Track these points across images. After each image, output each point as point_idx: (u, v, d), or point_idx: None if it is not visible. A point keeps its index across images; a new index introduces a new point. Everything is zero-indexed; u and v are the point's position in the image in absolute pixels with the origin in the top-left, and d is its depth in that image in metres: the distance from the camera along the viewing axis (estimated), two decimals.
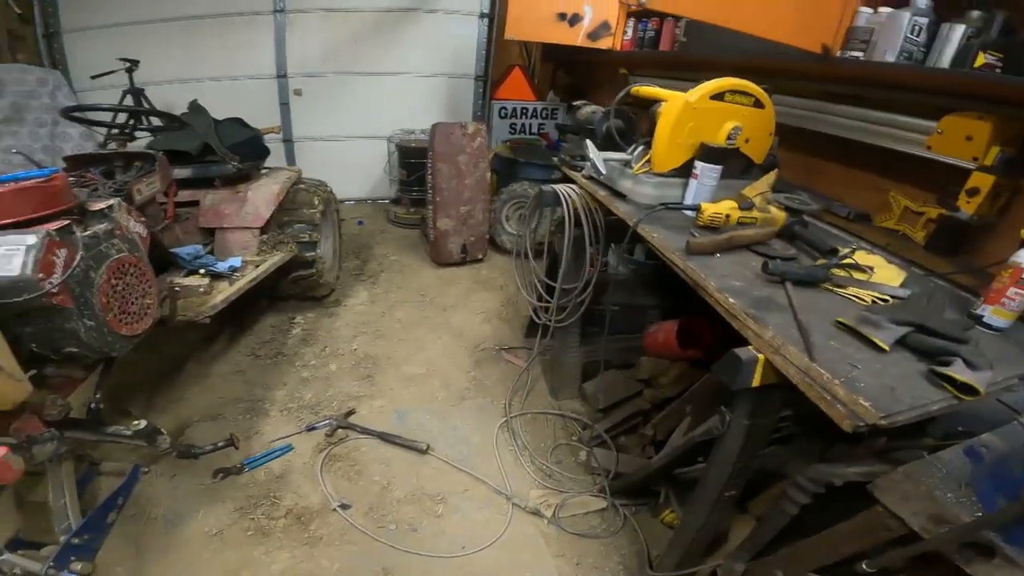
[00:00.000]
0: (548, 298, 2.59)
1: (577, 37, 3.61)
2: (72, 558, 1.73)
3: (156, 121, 3.17)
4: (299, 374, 2.99)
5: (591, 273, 2.42)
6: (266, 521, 2.13)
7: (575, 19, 3.60)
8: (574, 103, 3.03)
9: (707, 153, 1.96)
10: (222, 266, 2.65)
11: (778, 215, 1.85)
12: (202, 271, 2.45)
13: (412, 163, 4.52)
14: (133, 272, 1.88)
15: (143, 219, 2.11)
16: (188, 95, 3.45)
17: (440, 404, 2.80)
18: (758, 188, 2.00)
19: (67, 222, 1.64)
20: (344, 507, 2.19)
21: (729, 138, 2.01)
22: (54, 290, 1.55)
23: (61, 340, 1.68)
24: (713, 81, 1.95)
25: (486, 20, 4.99)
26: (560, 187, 2.41)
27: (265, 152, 3.17)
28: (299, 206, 3.14)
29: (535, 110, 4.97)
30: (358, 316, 3.52)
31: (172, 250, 2.55)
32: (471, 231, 4.00)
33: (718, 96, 1.97)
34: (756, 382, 1.26)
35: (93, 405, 1.95)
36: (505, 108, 4.91)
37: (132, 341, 1.89)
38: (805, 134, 2.44)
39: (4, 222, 1.55)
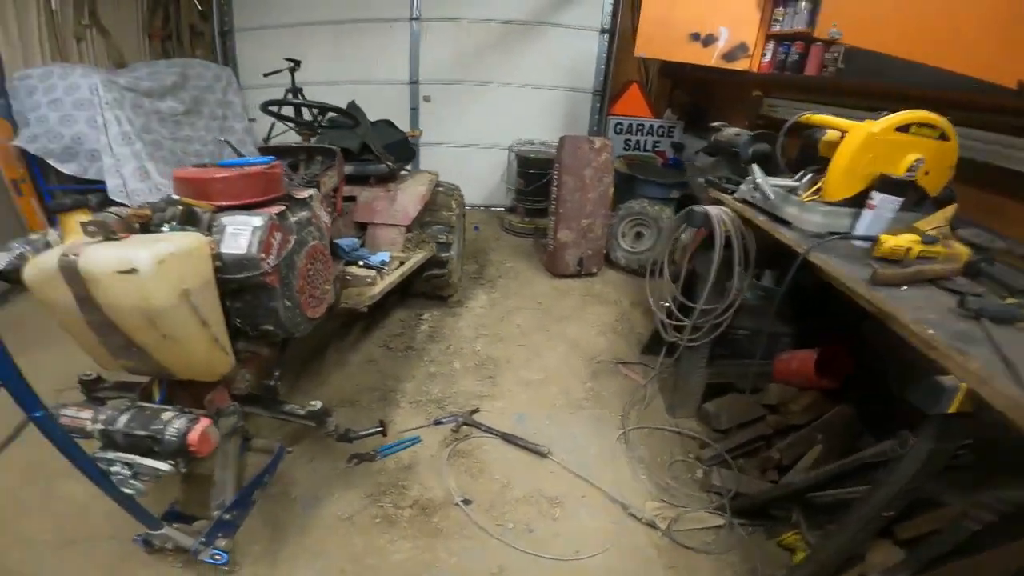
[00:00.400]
0: (681, 317, 2.55)
1: (711, 58, 3.57)
2: (219, 534, 1.84)
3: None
4: (426, 369, 3.12)
5: (735, 296, 2.38)
6: (393, 510, 2.22)
7: (709, 40, 3.57)
8: (713, 124, 2.98)
9: (887, 184, 1.89)
10: (375, 259, 2.82)
11: (961, 251, 1.77)
12: (360, 263, 2.63)
13: (530, 173, 4.63)
14: (321, 258, 2.05)
15: (328, 210, 2.29)
16: (334, 96, 3.66)
17: (558, 411, 2.83)
18: (934, 222, 1.90)
19: (284, 208, 1.82)
20: (466, 502, 2.25)
21: (910, 170, 1.94)
22: (269, 270, 1.71)
23: (262, 317, 1.85)
24: (900, 113, 1.89)
25: (606, 36, 5.04)
26: (711, 209, 2.38)
27: (412, 155, 3.35)
28: (439, 208, 3.30)
29: (651, 127, 4.95)
30: (479, 318, 3.63)
31: (335, 241, 2.76)
32: (589, 245, 4.03)
33: (903, 128, 1.90)
34: (952, 409, 1.26)
35: (273, 382, 2.12)
36: (621, 124, 4.92)
37: (313, 323, 2.05)
38: (988, 169, 2.28)
39: (233, 203, 1.75)
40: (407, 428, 2.64)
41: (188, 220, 1.63)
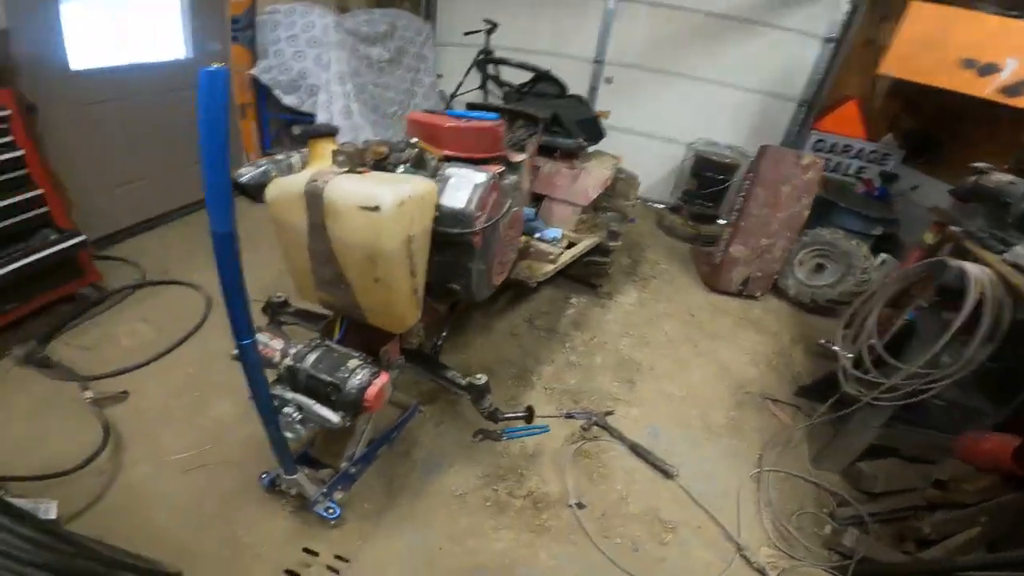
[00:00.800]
0: (871, 369, 2.24)
1: (985, 89, 3.04)
2: (339, 487, 1.89)
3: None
4: (567, 356, 3.05)
5: (963, 368, 2.01)
6: (506, 497, 2.19)
7: (989, 69, 3.03)
8: (976, 165, 2.50)
9: None
10: (548, 234, 2.78)
11: None
12: (536, 235, 2.59)
13: (706, 176, 4.31)
14: (517, 226, 2.02)
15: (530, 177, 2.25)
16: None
17: (694, 433, 2.65)
18: None
19: (503, 168, 1.79)
20: (579, 506, 2.17)
21: None
22: (479, 229, 1.70)
23: (454, 276, 1.85)
24: None
25: (832, 45, 4.46)
26: (971, 267, 1.99)
27: (600, 135, 3.23)
28: (617, 195, 3.18)
29: (861, 150, 4.35)
30: (627, 315, 3.48)
31: None
32: (762, 266, 3.67)
33: None
34: None
35: (438, 343, 2.15)
36: (824, 141, 4.39)
37: (492, 289, 2.04)
38: None
39: (459, 155, 1.75)
40: (538, 415, 2.55)
41: (418, 164, 1.65)
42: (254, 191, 1.63)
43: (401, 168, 1.61)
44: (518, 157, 1.96)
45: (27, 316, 2.83)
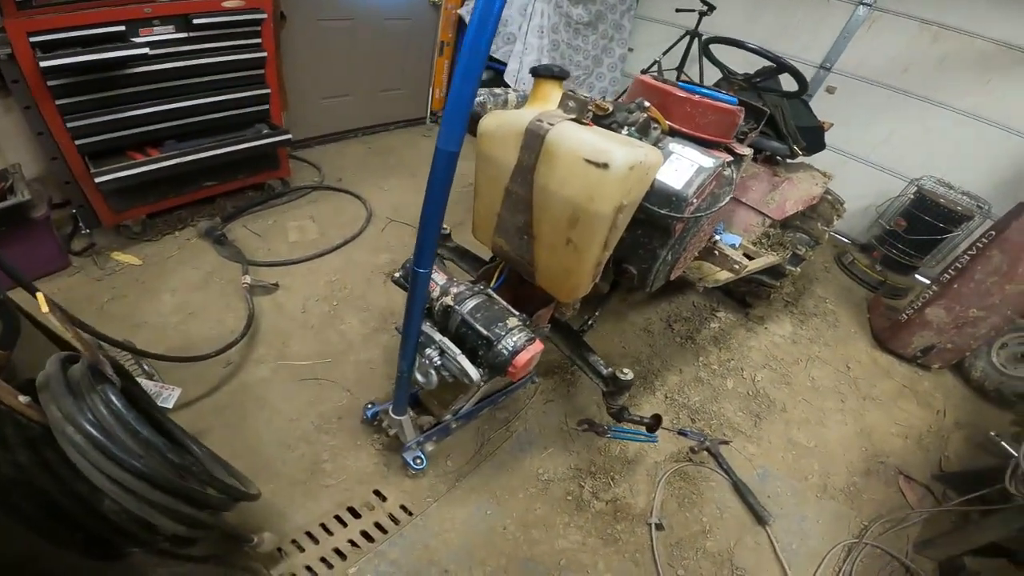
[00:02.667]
0: None
1: None
2: (434, 437, 1.83)
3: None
4: (697, 371, 2.84)
5: None
6: (589, 496, 2.09)
7: None
8: None
9: None
10: (727, 239, 2.54)
11: None
12: (715, 238, 2.37)
13: (922, 219, 3.65)
14: (713, 223, 1.84)
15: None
16: (728, 55, 3.10)
17: (806, 487, 2.39)
18: None
19: (731, 158, 1.61)
20: (659, 527, 2.04)
21: None
22: (686, 216, 1.54)
23: (636, 259, 1.70)
24: None
25: None
26: None
27: (822, 146, 2.84)
28: (817, 217, 2.82)
29: None
30: (774, 347, 3.16)
31: None
32: (956, 339, 3.11)
33: None
34: None
35: (591, 321, 2.04)
36: None
37: (663, 283, 1.88)
38: None
39: (687, 132, 1.59)
40: None
41: (643, 130, 1.53)
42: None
43: (626, 130, 1.49)
44: (744, 150, 1.75)
45: (221, 195, 3.19)
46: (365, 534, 1.78)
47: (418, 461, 1.86)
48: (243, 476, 1.43)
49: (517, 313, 1.56)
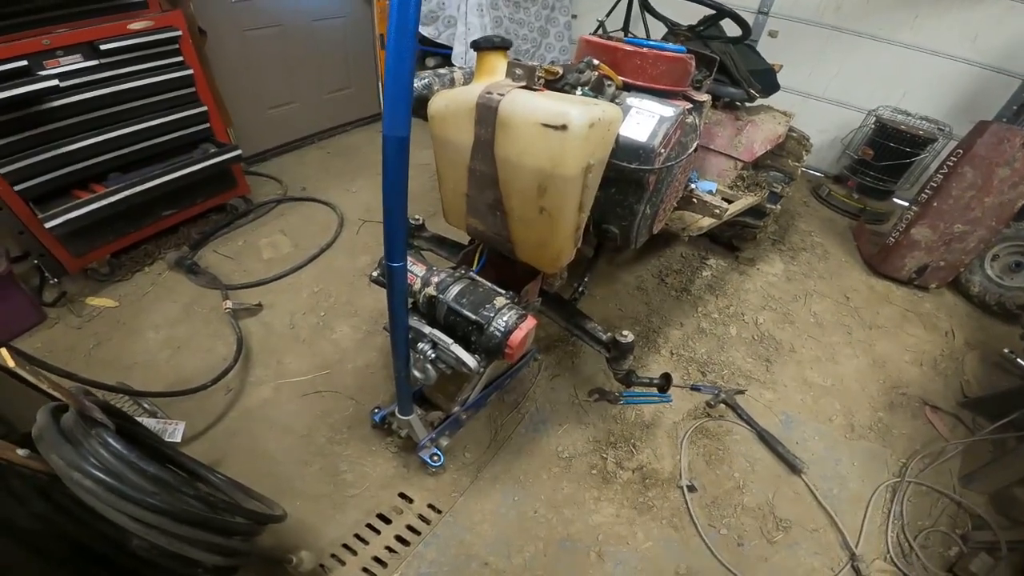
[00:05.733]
0: None
1: None
2: (447, 432, 1.79)
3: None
4: (698, 322, 2.81)
5: None
6: (613, 467, 2.06)
7: None
8: None
9: None
10: (702, 186, 2.50)
11: None
12: (692, 187, 2.33)
13: (887, 146, 3.67)
14: (687, 172, 1.79)
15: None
16: (669, 9, 3.10)
17: (833, 429, 2.36)
18: None
19: (690, 105, 1.56)
20: (690, 489, 2.01)
21: None
22: (657, 168, 1.49)
23: (614, 218, 1.67)
24: None
25: None
26: None
27: (776, 87, 2.81)
28: (786, 155, 2.78)
29: None
30: (770, 287, 3.13)
31: None
32: (947, 256, 3.11)
33: None
34: None
35: (581, 289, 2.00)
36: None
37: (649, 236, 1.84)
38: None
39: (642, 84, 1.54)
40: None
41: (597, 89, 1.47)
42: (415, 105, 1.52)
43: (579, 91, 1.43)
44: (702, 97, 1.70)
45: (183, 223, 3.08)
46: (400, 538, 1.78)
47: (435, 458, 1.84)
48: (267, 499, 1.42)
49: (504, 292, 1.50)
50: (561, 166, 1.25)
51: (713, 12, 2.18)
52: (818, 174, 4.53)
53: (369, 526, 1.80)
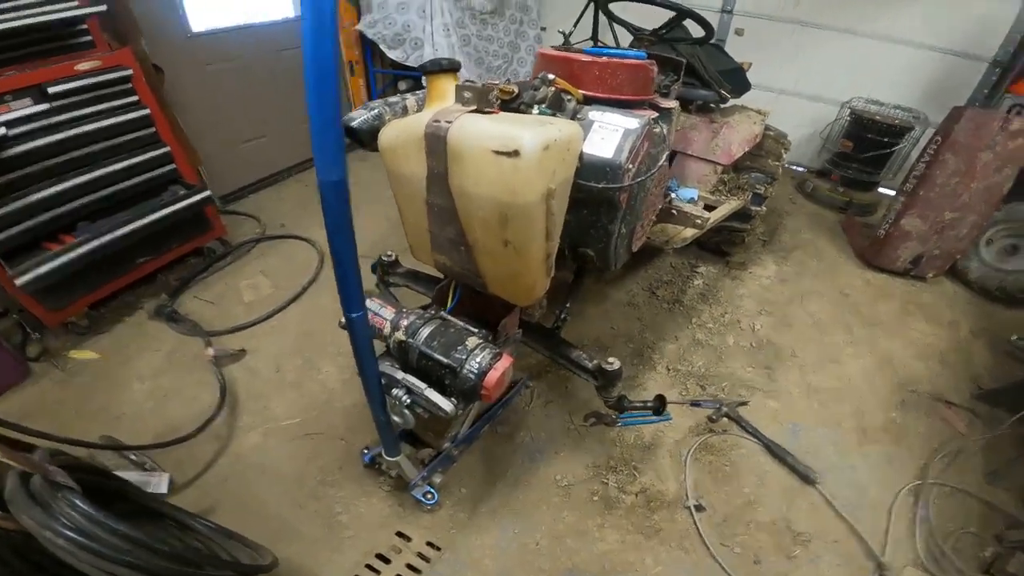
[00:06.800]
0: None
1: None
2: (439, 468, 1.75)
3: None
4: (693, 333, 2.71)
5: None
6: (616, 491, 1.98)
7: None
8: None
9: None
10: (683, 194, 2.42)
11: None
12: (671, 197, 2.24)
13: (865, 137, 3.62)
14: (661, 184, 1.70)
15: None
16: (640, 19, 3.18)
17: (845, 435, 2.26)
18: None
19: (656, 114, 1.47)
20: (698, 508, 1.91)
21: None
22: (627, 184, 1.40)
23: (589, 240, 1.59)
24: None
25: None
26: None
27: (747, 87, 2.76)
28: (765, 154, 2.71)
29: None
30: (764, 291, 3.04)
31: None
32: (942, 243, 3.03)
33: None
34: None
35: (562, 316, 1.91)
36: (1022, 106, 3.51)
37: (630, 256, 1.75)
38: None
39: (604, 96, 1.45)
40: None
41: (555, 105, 1.38)
42: (366, 137, 1.45)
43: (536, 109, 1.34)
44: (668, 103, 1.62)
45: (160, 270, 2.98)
46: None
47: (429, 496, 1.78)
48: (258, 546, 1.40)
49: (476, 330, 1.42)
50: (519, 195, 1.16)
51: (674, 14, 2.11)
52: (801, 170, 4.47)
53: (369, 567, 1.74)
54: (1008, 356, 2.68)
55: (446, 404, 1.36)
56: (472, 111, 1.24)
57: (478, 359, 1.31)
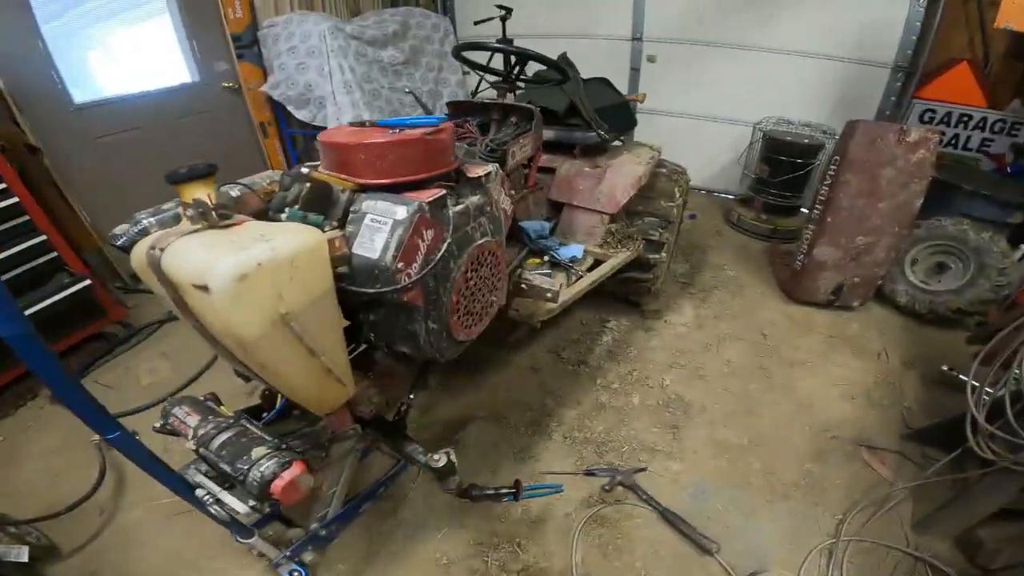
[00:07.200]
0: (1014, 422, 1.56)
1: None
2: (309, 547, 1.71)
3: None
4: (597, 396, 2.53)
5: None
6: (497, 571, 1.84)
7: None
8: None
9: None
10: (564, 253, 2.28)
11: None
12: (545, 257, 2.09)
13: (780, 160, 3.53)
14: (489, 263, 1.53)
15: (512, 191, 1.75)
16: (547, 50, 3.11)
17: (751, 493, 2.08)
18: None
19: (442, 192, 1.31)
20: None
21: None
22: (409, 284, 1.23)
23: (397, 339, 1.43)
24: None
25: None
26: None
27: (632, 123, 2.66)
28: (657, 195, 2.57)
29: (983, 121, 3.38)
30: (678, 340, 2.86)
31: (521, 224, 2.25)
32: (859, 271, 2.88)
33: None
34: None
35: (404, 407, 1.77)
36: (933, 111, 3.45)
37: (463, 347, 1.57)
38: None
39: (380, 181, 1.28)
40: (551, 471, 2.17)
41: (317, 202, 1.22)
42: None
43: (285, 213, 1.18)
44: (479, 170, 1.46)
45: (61, 354, 2.86)
46: None
47: (295, 574, 1.73)
48: None
49: (269, 439, 1.28)
50: (234, 328, 0.99)
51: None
52: (731, 197, 4.36)
53: None
54: (940, 385, 2.51)
55: (241, 507, 1.29)
56: (196, 229, 1.07)
57: (262, 468, 1.19)
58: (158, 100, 3.53)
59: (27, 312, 2.54)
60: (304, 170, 1.23)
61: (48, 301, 2.63)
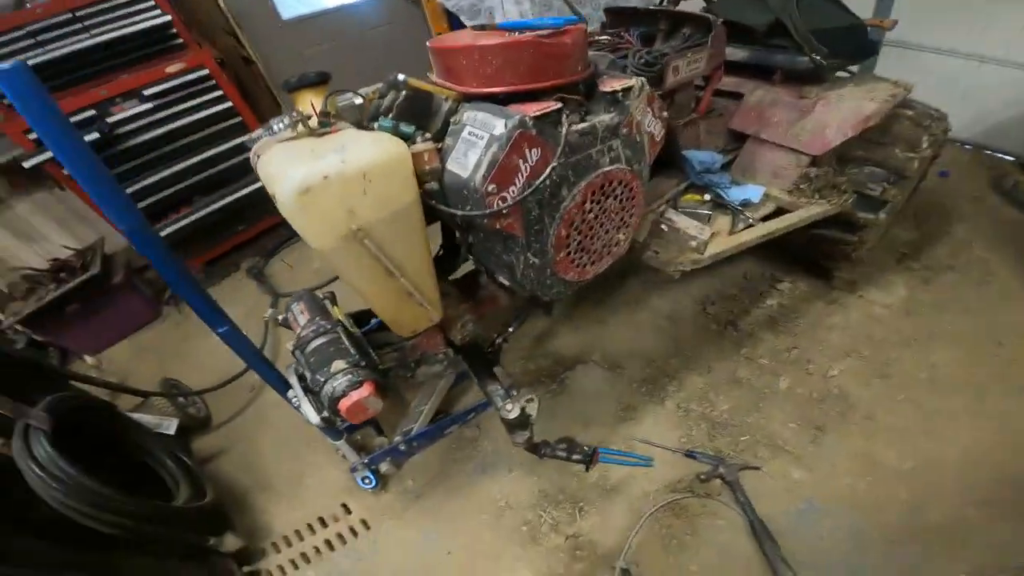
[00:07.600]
0: None
1: None
2: (388, 458, 1.82)
3: None
4: (735, 368, 2.18)
5: None
6: (548, 530, 1.78)
7: None
8: None
9: None
10: (735, 194, 1.91)
11: None
12: (706, 195, 1.76)
13: None
14: (620, 194, 1.32)
15: (665, 112, 1.44)
16: None
17: (875, 527, 1.65)
18: None
19: (557, 106, 1.10)
20: (625, 573, 1.60)
21: None
22: (503, 211, 1.10)
23: (493, 266, 1.34)
24: None
25: None
26: None
27: (867, 52, 2.02)
28: (892, 141, 1.94)
29: None
30: (870, 324, 2.28)
31: (683, 152, 1.91)
32: None
33: None
34: None
35: (500, 341, 1.70)
36: None
37: (572, 288, 1.42)
38: None
39: (486, 90, 1.12)
40: (648, 440, 1.98)
41: (411, 112, 1.12)
42: None
43: (378, 122, 1.10)
44: (616, 84, 1.20)
45: (260, 234, 3.48)
46: (328, 542, 1.90)
47: (367, 481, 1.89)
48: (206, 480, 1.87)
49: (353, 353, 1.34)
50: (310, 238, 1.00)
51: None
52: (1009, 158, 3.14)
53: (309, 526, 1.94)
54: None
55: (313, 416, 1.36)
56: (292, 138, 1.07)
57: (335, 383, 1.25)
58: (346, 16, 3.78)
59: (234, 197, 3.14)
60: (400, 77, 1.13)
61: (250, 188, 3.17)
